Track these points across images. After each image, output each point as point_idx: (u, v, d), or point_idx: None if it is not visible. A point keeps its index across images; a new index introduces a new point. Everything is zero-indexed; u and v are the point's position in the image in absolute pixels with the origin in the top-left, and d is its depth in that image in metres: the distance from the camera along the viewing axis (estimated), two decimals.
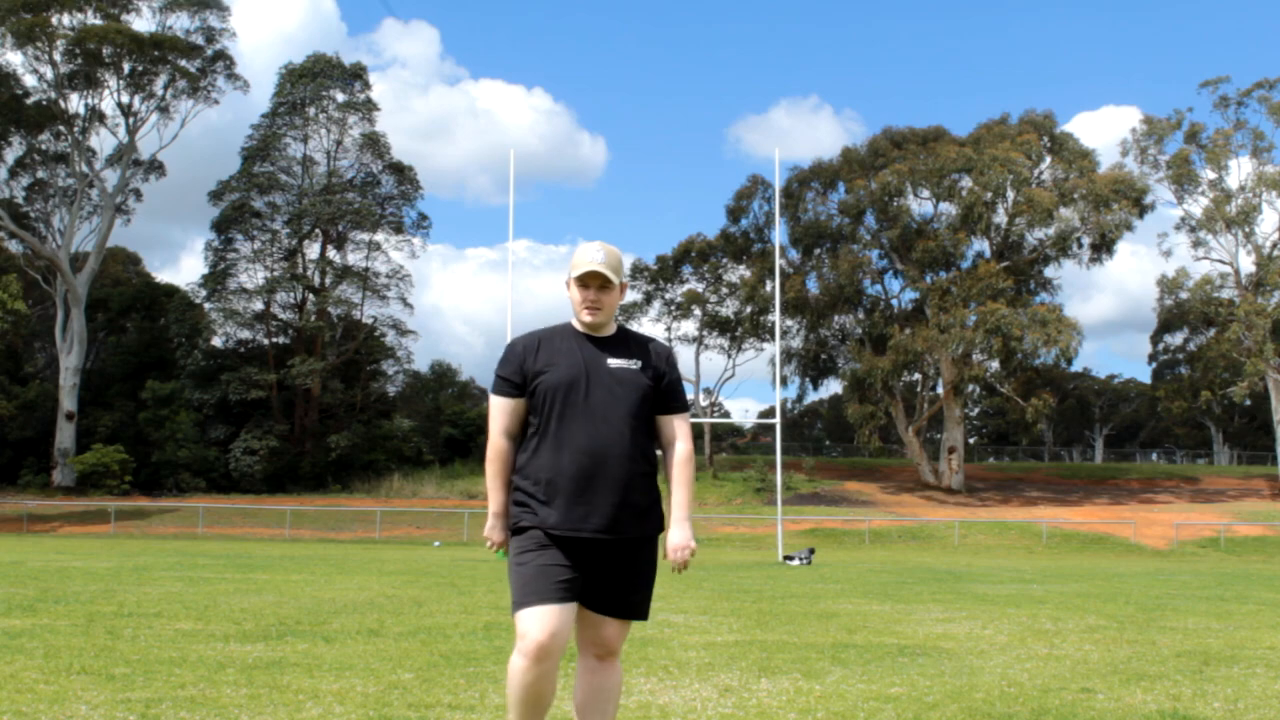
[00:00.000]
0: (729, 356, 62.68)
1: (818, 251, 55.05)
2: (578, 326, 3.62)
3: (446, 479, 51.67)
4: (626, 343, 3.64)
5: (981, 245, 54.46)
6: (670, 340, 63.26)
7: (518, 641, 3.37)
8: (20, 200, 53.06)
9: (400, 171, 56.44)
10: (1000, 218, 52.94)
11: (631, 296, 63.35)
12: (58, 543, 30.99)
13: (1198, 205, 54.45)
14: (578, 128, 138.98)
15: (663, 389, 3.60)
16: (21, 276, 50.61)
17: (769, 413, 60.44)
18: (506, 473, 3.54)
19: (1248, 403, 60.21)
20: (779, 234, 45.74)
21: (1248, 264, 54.22)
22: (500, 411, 3.56)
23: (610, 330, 3.64)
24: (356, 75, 56.02)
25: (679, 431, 3.62)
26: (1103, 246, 53.29)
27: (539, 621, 3.34)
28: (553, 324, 3.68)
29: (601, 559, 3.45)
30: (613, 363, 3.54)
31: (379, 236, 55.07)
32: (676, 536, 3.54)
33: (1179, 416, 64.44)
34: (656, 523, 3.54)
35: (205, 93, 53.72)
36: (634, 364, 3.56)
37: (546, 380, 3.48)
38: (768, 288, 52.74)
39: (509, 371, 3.55)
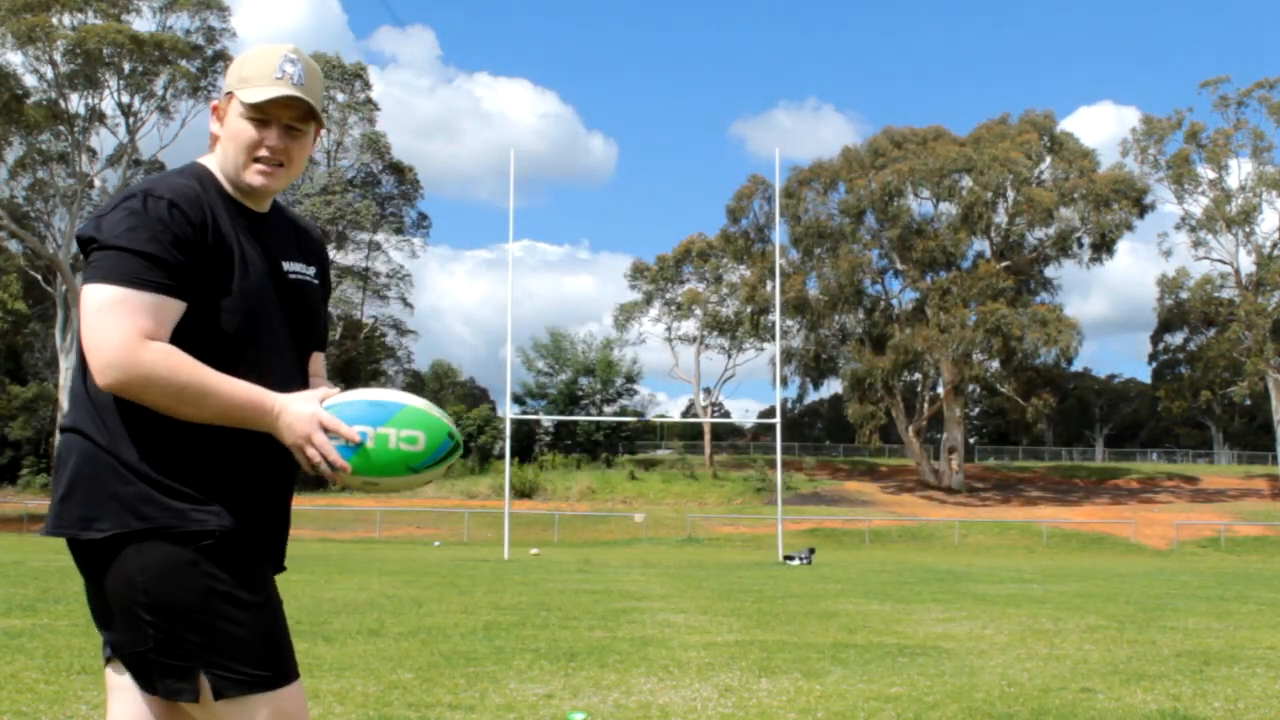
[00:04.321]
0: (729, 356, 62.74)
1: (818, 251, 55.10)
2: (228, 188, 2.02)
3: (446, 479, 51.60)
4: (286, 227, 2.13)
5: (981, 245, 54.55)
6: (670, 342, 63.02)
7: None
8: (20, 200, 53.06)
9: (400, 172, 56.50)
10: (1000, 217, 52.99)
11: (631, 296, 63.25)
12: (58, 542, 30.93)
13: (1198, 205, 54.52)
14: (586, 130, 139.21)
15: (326, 311, 2.23)
16: (21, 276, 50.62)
17: (769, 413, 60.43)
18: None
19: (1248, 402, 60.25)
20: (779, 234, 45.78)
21: (1248, 264, 54.30)
22: (149, 312, 1.85)
23: (267, 204, 2.10)
24: (357, 75, 56.09)
25: (323, 371, 2.23)
26: (1103, 246, 53.37)
27: (304, 701, 2.08)
28: (185, 176, 2.00)
29: None
30: (288, 268, 2.06)
31: (379, 236, 55.26)
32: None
33: (1179, 416, 64.47)
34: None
35: (206, 93, 53.73)
36: (309, 271, 2.12)
37: (239, 285, 1.94)
38: (768, 288, 52.76)
39: (166, 247, 1.86)
